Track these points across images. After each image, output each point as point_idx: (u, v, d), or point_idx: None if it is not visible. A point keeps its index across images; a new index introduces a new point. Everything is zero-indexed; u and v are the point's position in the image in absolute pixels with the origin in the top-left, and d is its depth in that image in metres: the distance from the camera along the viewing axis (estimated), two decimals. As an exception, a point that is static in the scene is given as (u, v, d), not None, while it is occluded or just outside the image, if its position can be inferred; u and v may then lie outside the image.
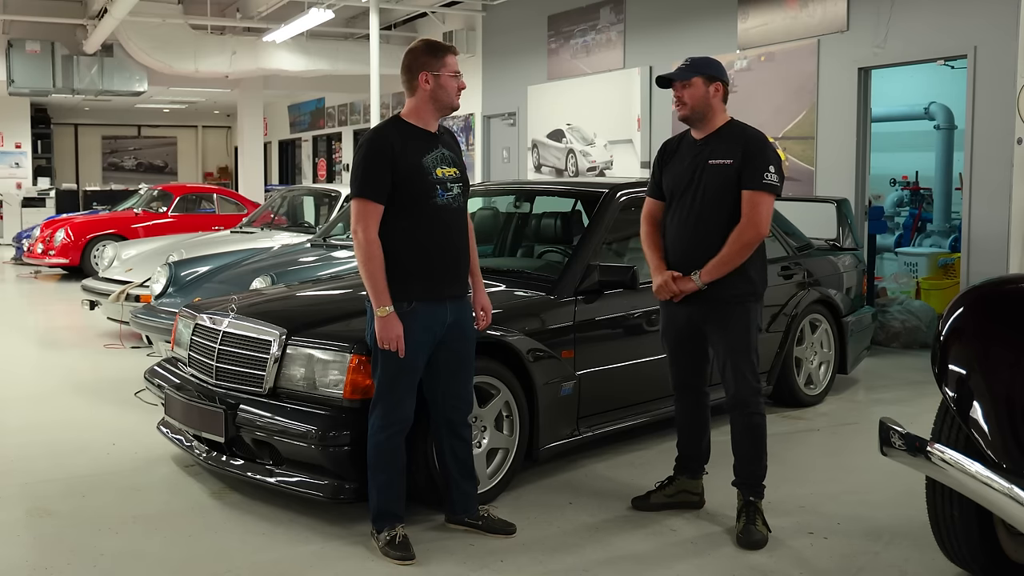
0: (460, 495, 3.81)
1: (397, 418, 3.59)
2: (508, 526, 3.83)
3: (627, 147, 11.13)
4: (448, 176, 3.62)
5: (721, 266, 3.73)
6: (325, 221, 9.07)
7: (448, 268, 3.63)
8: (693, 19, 10.21)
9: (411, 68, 3.63)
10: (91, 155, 27.41)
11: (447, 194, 3.60)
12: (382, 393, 3.59)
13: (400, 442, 3.63)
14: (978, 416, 2.95)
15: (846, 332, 6.10)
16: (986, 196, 7.46)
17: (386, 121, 3.68)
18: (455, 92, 3.66)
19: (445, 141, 3.71)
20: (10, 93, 16.88)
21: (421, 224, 3.56)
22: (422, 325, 3.55)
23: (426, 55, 3.63)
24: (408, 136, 3.59)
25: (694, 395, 4.06)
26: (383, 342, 3.49)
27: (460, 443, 3.77)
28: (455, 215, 3.64)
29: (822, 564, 3.58)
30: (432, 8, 13.82)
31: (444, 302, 3.62)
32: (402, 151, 3.53)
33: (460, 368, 3.71)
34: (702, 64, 3.85)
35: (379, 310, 3.48)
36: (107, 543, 3.78)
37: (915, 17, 7.98)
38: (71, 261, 13.29)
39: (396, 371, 3.55)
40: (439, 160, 3.61)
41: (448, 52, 3.66)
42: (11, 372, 7.23)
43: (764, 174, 3.71)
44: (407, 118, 3.65)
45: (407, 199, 3.53)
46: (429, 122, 3.66)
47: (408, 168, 3.53)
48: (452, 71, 3.64)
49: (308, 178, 22.30)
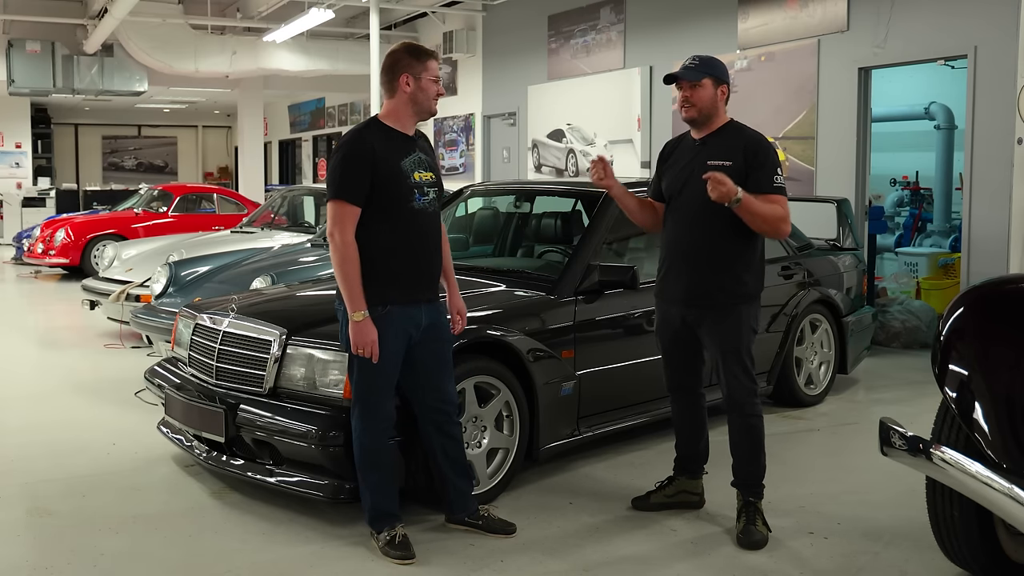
0: (457, 494, 3.81)
1: (378, 419, 3.60)
2: (508, 526, 3.83)
3: (627, 147, 11.13)
4: (425, 180, 3.62)
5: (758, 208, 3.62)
6: (325, 221, 9.06)
7: (423, 272, 3.64)
8: (693, 19, 10.21)
9: (392, 69, 3.62)
10: (91, 155, 27.41)
11: (424, 198, 3.60)
12: (360, 397, 3.60)
13: (386, 441, 3.64)
14: (978, 416, 2.95)
15: (846, 332, 6.10)
16: (986, 196, 7.46)
17: (364, 123, 3.67)
18: (434, 97, 3.65)
19: (421, 145, 3.71)
20: (10, 93, 16.89)
21: (398, 228, 3.55)
22: (397, 328, 3.55)
23: (408, 57, 3.62)
24: (387, 139, 3.58)
25: (689, 396, 4.05)
26: (357, 347, 3.49)
27: (450, 441, 3.75)
28: (430, 219, 3.65)
29: (822, 564, 3.58)
30: (432, 8, 13.83)
31: (419, 305, 3.62)
32: (382, 154, 3.53)
33: (438, 367, 3.71)
34: (712, 65, 3.83)
35: (354, 315, 3.48)
36: (107, 543, 3.78)
37: (915, 17, 7.98)
38: (71, 261, 13.29)
39: (373, 375, 3.56)
40: (416, 164, 3.61)
41: (430, 57, 3.65)
42: (11, 372, 7.23)
43: (773, 177, 3.72)
44: (385, 120, 3.64)
45: (385, 202, 3.52)
46: (407, 125, 3.66)
47: (387, 171, 3.52)
48: (433, 76, 3.63)
49: (308, 178, 22.30)
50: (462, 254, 5.84)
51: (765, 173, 3.71)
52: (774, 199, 3.71)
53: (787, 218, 3.75)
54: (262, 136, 19.10)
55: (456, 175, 14.61)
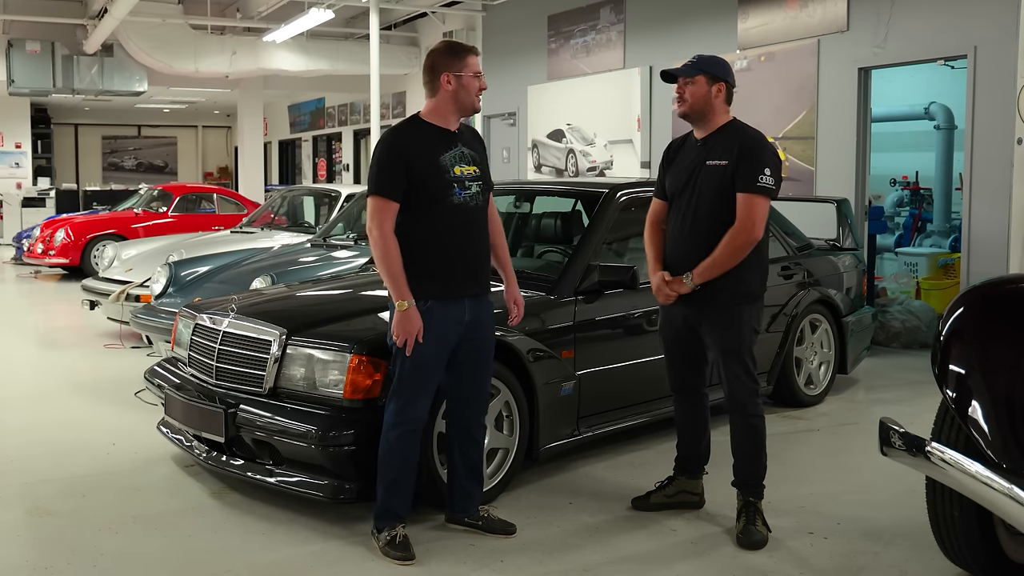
0: (462, 495, 3.81)
1: (409, 417, 3.58)
2: (508, 526, 3.82)
3: (627, 147, 11.13)
4: (467, 174, 3.61)
5: (713, 268, 3.72)
6: (325, 221, 9.07)
7: (466, 266, 3.62)
8: (693, 19, 10.21)
9: (433, 69, 3.63)
10: (91, 155, 27.40)
11: (464, 192, 3.59)
12: (396, 390, 3.59)
13: (412, 441, 3.61)
14: (978, 416, 2.94)
15: (846, 332, 6.10)
16: (986, 196, 7.46)
17: (405, 120, 3.70)
18: (476, 93, 3.66)
19: (465, 139, 3.70)
20: (10, 93, 16.87)
21: (437, 222, 3.55)
22: (439, 324, 3.54)
23: (448, 56, 3.63)
24: (426, 135, 3.59)
25: (693, 396, 4.06)
26: (398, 336, 3.48)
27: (472, 446, 3.77)
28: (474, 213, 3.63)
29: (822, 564, 3.58)
30: (432, 8, 13.83)
31: (462, 300, 3.61)
32: (419, 150, 3.54)
33: (479, 367, 3.71)
34: (708, 63, 3.84)
35: (399, 304, 3.47)
36: (107, 543, 3.78)
37: (915, 17, 7.98)
38: (71, 261, 13.29)
39: (412, 369, 3.54)
40: (458, 158, 3.61)
41: (469, 53, 3.66)
42: (11, 372, 7.23)
43: (759, 176, 3.69)
44: (427, 117, 3.66)
45: (423, 197, 3.53)
46: (449, 121, 3.66)
47: (424, 167, 3.52)
48: (473, 71, 3.64)
49: (308, 178, 22.30)
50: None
51: (748, 172, 3.69)
52: (751, 202, 3.68)
53: (753, 227, 3.68)
54: (262, 136, 19.10)
55: (456, 175, 14.57)
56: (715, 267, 3.72)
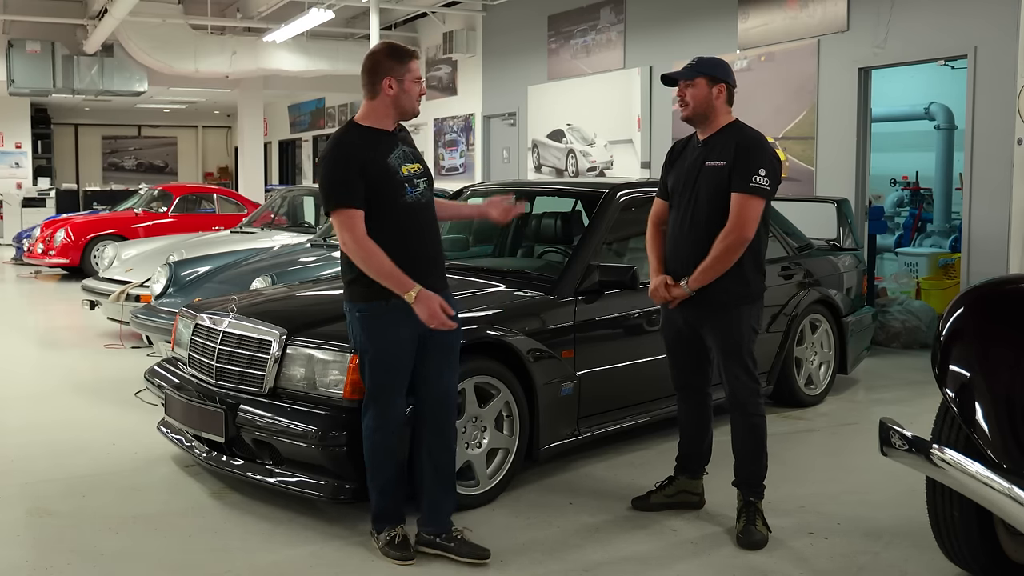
0: (431, 507, 3.62)
1: (390, 417, 3.58)
2: (481, 551, 3.58)
3: (627, 147, 11.13)
4: (413, 172, 3.60)
5: (707, 272, 3.73)
6: (325, 221, 9.06)
7: (424, 262, 3.59)
8: (693, 19, 10.21)
9: (374, 72, 3.55)
10: (91, 155, 27.40)
11: (415, 190, 3.58)
12: (373, 394, 3.58)
13: (396, 440, 3.60)
14: (978, 416, 2.95)
15: (846, 332, 6.10)
16: (986, 196, 7.46)
17: (343, 128, 3.61)
18: (417, 98, 3.61)
19: (403, 138, 3.68)
20: (10, 93, 16.88)
21: (393, 223, 3.52)
22: (405, 321, 3.50)
23: (390, 59, 3.56)
24: (369, 139, 3.54)
25: (696, 395, 4.06)
26: (432, 322, 3.43)
27: (439, 441, 3.61)
28: (425, 210, 3.63)
29: (822, 564, 3.58)
30: (432, 8, 13.83)
31: None
32: (367, 155, 3.49)
33: (448, 354, 3.64)
34: (708, 65, 3.84)
35: (407, 295, 3.43)
36: (107, 543, 3.78)
37: (915, 17, 7.98)
38: (71, 261, 13.29)
39: (384, 370, 3.54)
40: (403, 158, 3.59)
41: (412, 57, 3.60)
42: (11, 372, 7.23)
43: (753, 177, 3.68)
44: (363, 122, 3.59)
45: (378, 200, 3.50)
46: (387, 124, 3.61)
47: (376, 171, 3.49)
48: (416, 77, 3.59)
49: (308, 178, 22.30)
50: (462, 254, 5.85)
51: (742, 172, 3.69)
52: (743, 202, 3.68)
53: (744, 227, 3.67)
54: (262, 136, 19.10)
55: (456, 175, 14.61)
56: (709, 271, 3.72)
